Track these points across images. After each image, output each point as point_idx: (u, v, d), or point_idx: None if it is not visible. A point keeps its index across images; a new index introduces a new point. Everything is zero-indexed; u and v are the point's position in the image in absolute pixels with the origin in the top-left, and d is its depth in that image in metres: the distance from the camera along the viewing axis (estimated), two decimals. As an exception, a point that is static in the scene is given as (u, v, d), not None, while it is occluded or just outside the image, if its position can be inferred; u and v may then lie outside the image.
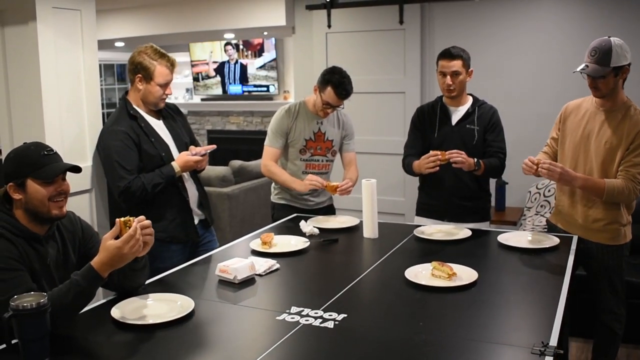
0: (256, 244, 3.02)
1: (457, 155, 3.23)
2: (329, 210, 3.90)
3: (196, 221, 3.35)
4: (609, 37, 2.93)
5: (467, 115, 3.49)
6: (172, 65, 3.26)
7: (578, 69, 2.96)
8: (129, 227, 2.12)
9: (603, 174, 3.03)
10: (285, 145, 3.75)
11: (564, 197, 3.24)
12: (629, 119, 2.99)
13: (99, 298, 2.36)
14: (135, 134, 3.15)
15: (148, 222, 2.19)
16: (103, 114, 7.80)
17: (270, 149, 3.74)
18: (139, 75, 3.18)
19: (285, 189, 3.79)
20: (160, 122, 3.31)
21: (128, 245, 2.08)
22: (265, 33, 7.99)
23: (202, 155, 3.21)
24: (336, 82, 3.52)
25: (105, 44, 7.86)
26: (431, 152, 3.29)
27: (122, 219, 2.14)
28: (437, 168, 3.27)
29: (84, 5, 4.07)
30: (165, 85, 3.21)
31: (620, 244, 3.12)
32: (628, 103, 3.04)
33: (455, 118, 3.51)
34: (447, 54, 3.41)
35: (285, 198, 3.84)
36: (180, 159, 3.20)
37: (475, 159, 3.30)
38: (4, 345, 1.89)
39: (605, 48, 2.89)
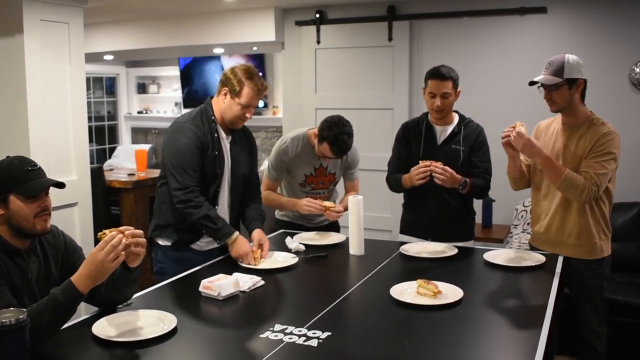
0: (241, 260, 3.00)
1: (442, 173, 3.19)
2: (334, 227, 3.85)
3: (214, 245, 3.23)
4: (566, 53, 3.03)
5: (453, 135, 3.46)
6: (260, 89, 3.08)
7: (533, 79, 3.04)
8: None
9: None
10: (287, 176, 3.71)
11: (539, 216, 3.25)
12: (592, 129, 3.04)
13: (81, 314, 2.33)
14: (204, 137, 3.06)
15: (139, 232, 2.18)
16: (90, 127, 7.79)
17: (268, 180, 3.69)
18: (226, 88, 3.09)
19: None
20: (229, 142, 3.20)
21: (103, 252, 2.05)
22: (255, 48, 7.99)
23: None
24: (332, 140, 3.35)
25: (94, 57, 7.83)
26: (422, 164, 3.25)
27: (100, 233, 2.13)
28: (428, 178, 3.23)
29: (71, 18, 4.08)
30: (247, 107, 3.09)
31: (598, 259, 3.12)
32: (592, 116, 3.09)
33: (440, 138, 3.47)
34: (439, 75, 3.33)
35: (288, 215, 3.83)
36: (242, 243, 3.03)
37: (463, 179, 3.27)
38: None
39: (558, 61, 3.01)
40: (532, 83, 3.08)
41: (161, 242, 3.19)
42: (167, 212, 3.13)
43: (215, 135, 3.10)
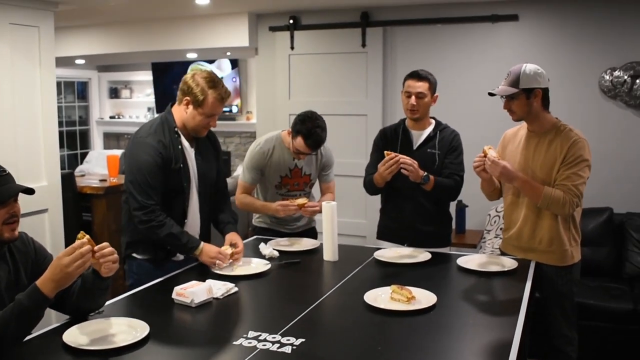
0: (216, 267, 2.98)
1: (411, 164, 3.23)
2: (311, 232, 3.86)
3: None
4: (526, 63, 3.07)
5: (429, 139, 3.50)
6: (223, 97, 2.96)
7: (491, 90, 3.09)
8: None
9: None
10: (262, 179, 3.70)
11: (510, 222, 3.28)
12: (560, 136, 3.07)
13: (51, 322, 2.30)
14: (167, 151, 2.93)
15: (111, 249, 2.16)
16: (61, 132, 7.68)
17: (243, 183, 3.69)
18: (188, 97, 2.94)
19: (267, 214, 3.76)
20: (193, 150, 3.08)
21: (69, 258, 2.02)
22: (229, 53, 7.99)
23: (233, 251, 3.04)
24: (306, 133, 3.40)
25: (65, 61, 7.76)
26: (387, 157, 3.26)
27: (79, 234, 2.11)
28: (397, 170, 3.25)
29: (42, 22, 4.03)
30: (212, 116, 2.99)
31: (569, 265, 3.15)
32: (557, 123, 3.13)
33: (416, 142, 3.51)
34: (415, 75, 3.42)
35: (265, 222, 3.82)
36: (209, 249, 2.99)
37: (425, 173, 3.30)
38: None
39: (515, 71, 3.05)
40: (491, 94, 3.12)
41: (137, 255, 3.09)
42: (135, 228, 3.00)
43: (179, 147, 2.99)
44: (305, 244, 3.53)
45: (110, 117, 10.96)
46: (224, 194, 3.37)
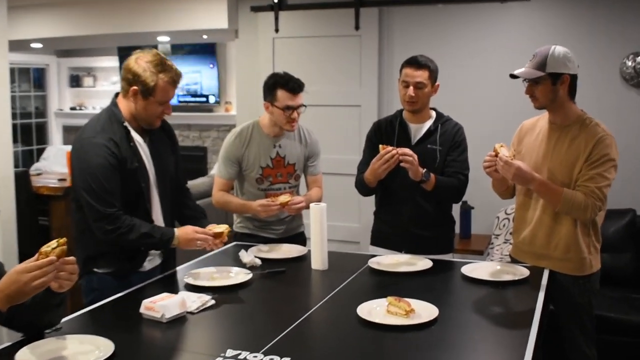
0: (190, 278, 2.97)
1: (411, 155, 3.23)
2: (299, 238, 3.86)
3: (154, 263, 3.14)
4: (555, 45, 3.06)
5: (429, 133, 3.50)
6: (175, 80, 2.93)
7: (514, 72, 3.09)
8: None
9: None
10: (240, 174, 3.70)
11: (522, 224, 3.29)
12: (585, 131, 3.06)
13: (3, 340, 2.28)
14: (119, 150, 2.86)
15: (73, 267, 2.12)
16: (15, 125, 7.62)
17: (219, 180, 3.70)
18: (135, 87, 2.87)
19: (248, 218, 3.76)
20: (146, 144, 3.03)
21: (29, 275, 1.98)
22: (205, 36, 7.97)
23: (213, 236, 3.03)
24: (282, 81, 3.58)
25: (19, 45, 7.71)
26: (383, 151, 3.25)
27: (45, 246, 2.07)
28: (393, 166, 3.24)
29: (-8, 0, 4.00)
30: (165, 103, 2.95)
31: (587, 275, 3.15)
32: (583, 116, 3.13)
33: (415, 137, 3.51)
34: (414, 62, 3.41)
35: (248, 227, 3.81)
36: (184, 232, 2.99)
37: (424, 170, 3.31)
38: None
39: (543, 53, 3.04)
40: (513, 76, 3.11)
41: (97, 269, 3.01)
42: (92, 241, 2.94)
43: (131, 143, 2.94)
44: (291, 250, 3.53)
45: (71, 109, 10.93)
46: (185, 189, 3.38)
